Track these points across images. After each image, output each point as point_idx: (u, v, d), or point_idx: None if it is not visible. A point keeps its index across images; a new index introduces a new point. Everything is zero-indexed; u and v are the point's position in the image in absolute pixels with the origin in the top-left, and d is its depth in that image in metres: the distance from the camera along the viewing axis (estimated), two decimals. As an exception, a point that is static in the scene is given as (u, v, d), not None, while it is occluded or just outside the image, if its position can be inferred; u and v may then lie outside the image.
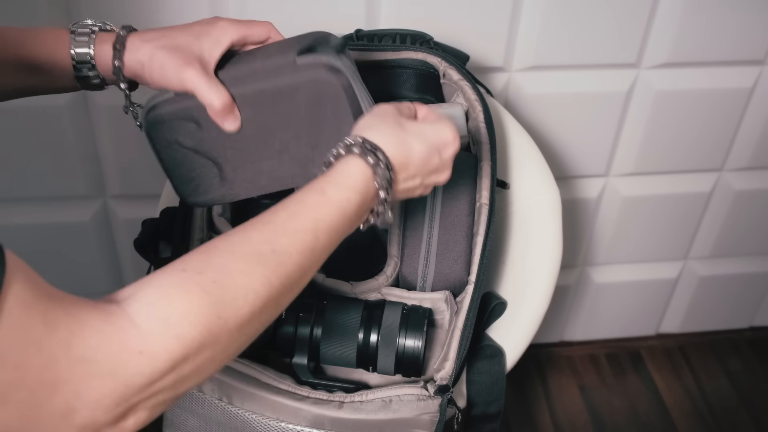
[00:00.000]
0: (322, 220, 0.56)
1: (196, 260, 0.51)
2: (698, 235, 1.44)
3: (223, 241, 0.53)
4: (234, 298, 0.50)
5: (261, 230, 0.54)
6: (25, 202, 1.20)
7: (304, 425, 0.74)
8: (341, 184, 0.59)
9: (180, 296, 0.48)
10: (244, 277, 0.51)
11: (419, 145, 0.63)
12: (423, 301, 0.80)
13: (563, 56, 1.15)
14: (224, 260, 0.51)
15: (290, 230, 0.55)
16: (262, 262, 0.52)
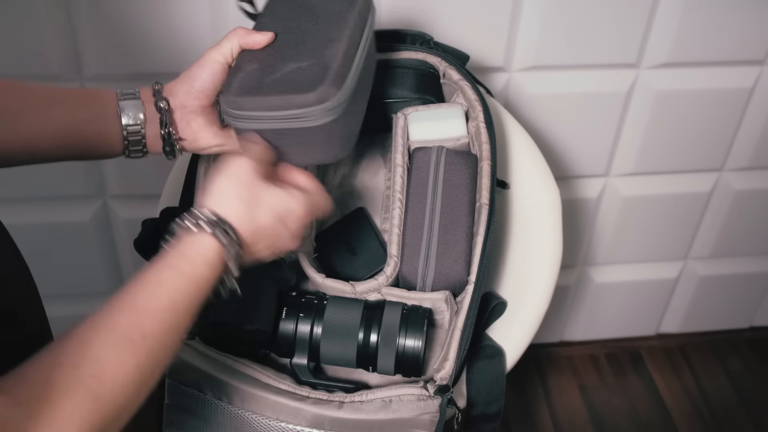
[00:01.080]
0: (180, 299, 0.58)
1: (71, 352, 0.51)
2: (698, 235, 1.44)
3: (90, 330, 0.53)
4: (112, 390, 0.50)
5: (125, 315, 0.55)
6: (25, 202, 1.20)
7: (304, 425, 0.74)
8: (195, 260, 0.60)
9: (65, 396, 0.48)
10: (119, 368, 0.51)
11: (268, 218, 0.64)
12: (423, 301, 0.80)
13: (563, 56, 1.15)
14: (98, 351, 0.51)
15: (153, 312, 0.56)
16: (133, 350, 0.53)
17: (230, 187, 0.64)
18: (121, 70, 1.08)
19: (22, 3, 0.99)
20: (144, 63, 1.08)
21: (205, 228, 0.61)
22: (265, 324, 0.76)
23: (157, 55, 1.07)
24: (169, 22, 1.04)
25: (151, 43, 1.05)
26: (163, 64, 1.08)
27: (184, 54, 1.07)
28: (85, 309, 1.48)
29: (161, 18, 1.04)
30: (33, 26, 1.01)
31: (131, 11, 1.02)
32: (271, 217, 0.65)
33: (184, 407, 0.77)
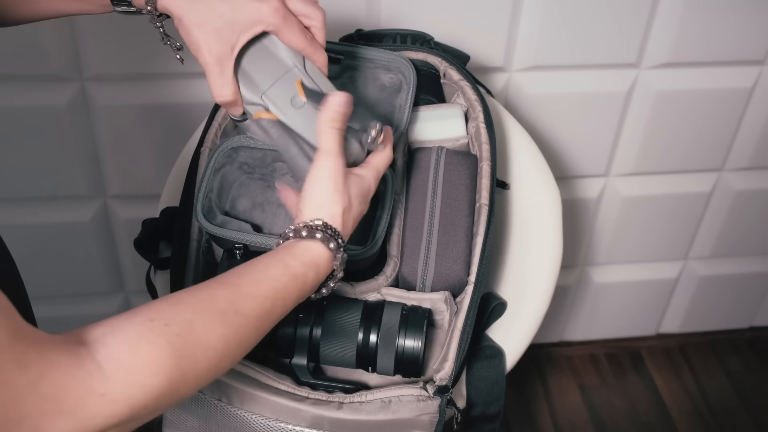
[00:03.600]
0: (281, 290, 0.61)
1: (164, 311, 0.53)
2: (698, 235, 1.44)
3: (190, 295, 0.56)
4: (194, 353, 0.53)
5: (226, 290, 0.58)
6: (25, 202, 1.20)
7: (304, 426, 0.74)
8: (303, 261, 0.64)
9: (146, 347, 0.50)
10: (206, 334, 0.54)
11: (359, 206, 0.70)
12: (422, 301, 0.80)
13: (563, 56, 1.15)
14: (190, 315, 0.54)
15: (252, 295, 0.59)
16: (224, 322, 0.56)
17: (329, 194, 0.68)
18: (121, 70, 1.08)
19: (21, 3, 0.99)
20: (144, 63, 1.08)
21: (316, 236, 0.65)
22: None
23: (157, 55, 1.07)
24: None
25: (151, 43, 1.05)
26: (163, 64, 1.08)
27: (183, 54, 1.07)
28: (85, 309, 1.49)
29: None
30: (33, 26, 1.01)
31: (131, 11, 1.02)
32: (361, 203, 0.70)
33: (183, 407, 0.77)
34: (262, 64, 0.73)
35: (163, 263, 0.91)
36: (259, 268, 0.62)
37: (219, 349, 0.55)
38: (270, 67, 0.73)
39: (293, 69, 0.74)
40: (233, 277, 0.60)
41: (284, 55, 0.73)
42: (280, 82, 0.73)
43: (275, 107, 0.73)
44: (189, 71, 1.09)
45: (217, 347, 0.55)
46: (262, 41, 0.73)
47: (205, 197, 0.80)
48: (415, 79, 0.88)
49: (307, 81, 0.74)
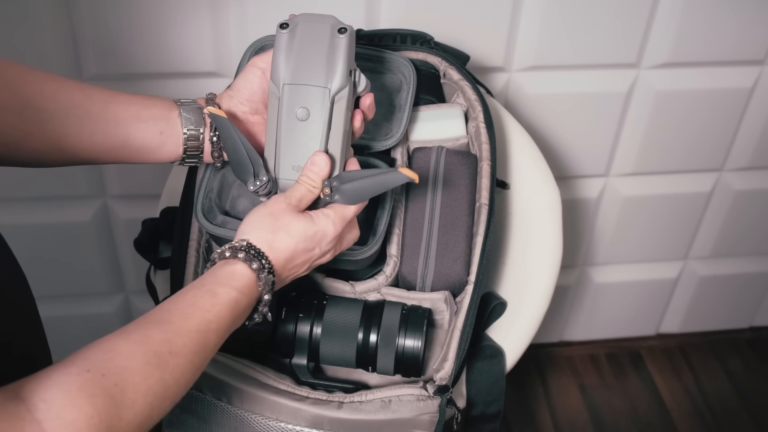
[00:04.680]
0: (213, 321, 0.60)
1: (100, 361, 0.52)
2: (698, 235, 1.44)
3: (123, 339, 0.55)
4: (134, 401, 0.52)
5: (159, 329, 0.57)
6: (25, 202, 1.20)
7: (304, 425, 0.74)
8: (230, 286, 0.63)
9: (86, 400, 0.49)
10: (143, 380, 0.53)
11: (298, 245, 0.68)
12: (422, 301, 0.80)
13: (563, 56, 1.15)
14: (125, 362, 0.53)
15: (185, 331, 0.58)
16: (159, 365, 0.55)
17: (262, 220, 0.67)
18: (121, 70, 1.08)
19: (22, 3, 0.99)
20: (144, 63, 1.08)
21: (239, 256, 0.64)
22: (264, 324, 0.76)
23: (157, 55, 1.07)
24: (169, 23, 1.04)
25: (151, 43, 1.05)
26: (163, 64, 1.08)
27: (184, 54, 1.07)
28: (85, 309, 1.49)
29: (161, 18, 1.04)
30: (33, 26, 1.01)
31: (131, 11, 1.02)
32: (302, 244, 0.68)
33: (183, 407, 0.77)
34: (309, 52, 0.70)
35: (163, 263, 0.91)
36: (188, 301, 0.60)
37: (158, 393, 0.54)
38: (314, 66, 0.70)
39: (326, 87, 0.70)
40: (164, 314, 0.59)
41: (339, 64, 0.70)
42: (309, 86, 0.70)
43: (283, 104, 0.70)
44: (189, 71, 1.09)
45: (156, 391, 0.54)
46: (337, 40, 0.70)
47: (205, 197, 0.80)
48: (415, 79, 0.88)
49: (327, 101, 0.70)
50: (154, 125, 0.73)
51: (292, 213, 0.68)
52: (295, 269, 0.69)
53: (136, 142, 0.73)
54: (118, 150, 0.73)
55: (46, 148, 0.70)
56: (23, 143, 0.68)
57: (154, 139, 0.73)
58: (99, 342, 0.54)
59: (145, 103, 0.74)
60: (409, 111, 0.87)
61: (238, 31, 1.05)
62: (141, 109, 0.73)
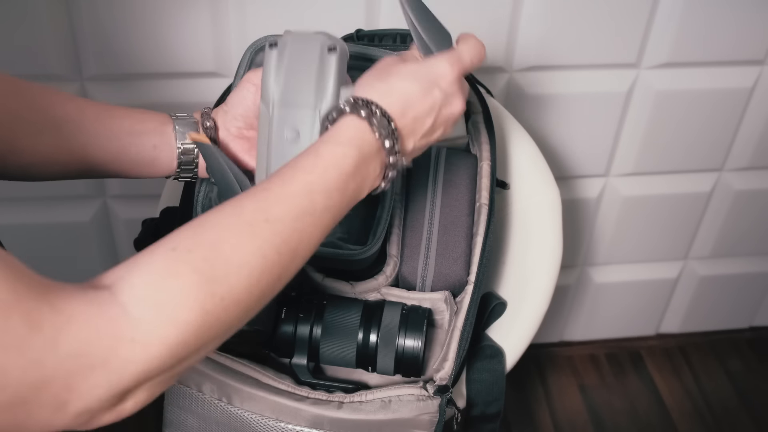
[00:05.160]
0: (317, 182, 0.55)
1: (186, 237, 0.50)
2: (698, 235, 1.44)
3: (215, 213, 0.52)
4: (227, 275, 0.48)
5: (254, 199, 0.53)
6: (25, 202, 1.20)
7: (304, 425, 0.74)
8: (335, 141, 0.58)
9: (171, 279, 0.47)
10: (235, 252, 0.49)
11: (413, 85, 0.61)
12: (422, 301, 0.80)
13: (563, 56, 1.15)
14: (215, 235, 0.50)
15: (283, 196, 0.53)
16: (254, 233, 0.51)
17: (371, 77, 0.63)
18: (121, 70, 1.08)
19: (21, 2, 0.99)
20: (144, 63, 1.08)
21: (345, 110, 0.59)
22: (264, 324, 0.76)
23: (157, 55, 1.07)
24: (169, 23, 1.04)
25: (151, 43, 1.05)
26: (163, 64, 1.08)
27: (184, 54, 1.07)
28: (85, 309, 1.46)
29: (161, 18, 1.04)
30: (33, 26, 1.01)
31: (131, 11, 1.02)
32: (419, 84, 0.62)
33: (183, 407, 0.77)
34: (298, 72, 0.69)
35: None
36: (289, 166, 0.56)
37: (255, 265, 0.50)
38: (303, 86, 0.69)
39: (319, 110, 0.69)
40: (263, 183, 0.54)
41: (328, 85, 0.69)
42: (299, 108, 0.69)
43: (273, 126, 0.69)
44: (189, 71, 1.09)
45: (252, 263, 0.50)
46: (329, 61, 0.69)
47: (205, 197, 0.80)
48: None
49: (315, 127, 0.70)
50: (147, 139, 0.72)
51: (401, 62, 0.64)
52: (420, 118, 0.62)
53: (128, 157, 0.72)
54: (111, 164, 0.72)
55: (36, 161, 0.69)
56: (11, 157, 0.68)
57: (148, 153, 0.72)
58: (192, 221, 0.51)
59: (139, 117, 0.73)
60: None
61: (238, 31, 1.05)
62: (134, 123, 0.72)
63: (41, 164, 0.70)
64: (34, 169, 0.70)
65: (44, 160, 0.69)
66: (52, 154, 0.69)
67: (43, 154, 0.69)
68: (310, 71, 0.69)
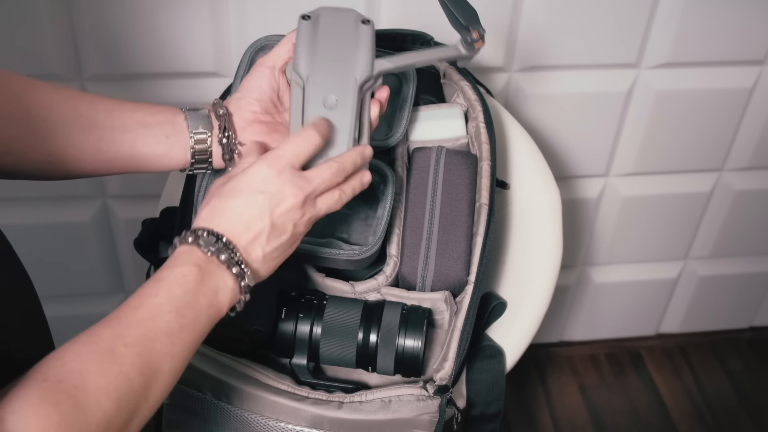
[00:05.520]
0: (165, 303, 0.57)
1: (53, 369, 0.51)
2: (698, 235, 1.44)
3: (73, 344, 0.53)
4: (98, 401, 0.51)
5: (108, 326, 0.55)
6: (25, 202, 1.20)
7: (304, 425, 0.74)
8: (172, 265, 0.60)
9: (50, 408, 0.48)
10: (101, 378, 0.52)
11: (234, 200, 0.64)
12: (422, 301, 0.80)
13: (563, 56, 1.15)
14: (80, 364, 0.52)
15: (135, 321, 0.56)
16: (115, 359, 0.53)
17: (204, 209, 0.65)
18: (121, 70, 1.08)
19: (22, 3, 0.99)
20: (144, 63, 1.08)
21: (175, 243, 0.62)
22: (264, 324, 0.76)
23: (157, 55, 1.07)
24: (169, 23, 1.04)
25: (151, 43, 1.05)
26: (163, 64, 1.08)
27: (184, 54, 1.07)
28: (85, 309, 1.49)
29: (161, 18, 1.04)
30: (33, 26, 1.01)
31: (131, 11, 1.02)
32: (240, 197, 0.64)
33: (183, 407, 0.77)
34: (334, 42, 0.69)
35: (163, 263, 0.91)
36: (137, 294, 0.58)
37: (123, 388, 0.52)
38: (339, 56, 0.69)
39: (354, 77, 0.70)
40: (114, 312, 0.57)
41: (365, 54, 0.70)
42: (335, 76, 0.69)
43: (309, 93, 0.69)
44: (189, 71, 1.09)
45: (119, 386, 0.52)
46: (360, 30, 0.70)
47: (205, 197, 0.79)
48: (415, 79, 0.88)
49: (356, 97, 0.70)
50: (160, 130, 0.72)
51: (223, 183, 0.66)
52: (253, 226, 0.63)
53: (143, 149, 0.72)
54: (125, 158, 0.72)
55: (50, 159, 0.69)
56: (27, 155, 0.68)
57: (161, 144, 0.72)
58: (53, 352, 0.53)
59: (150, 110, 0.73)
60: (410, 111, 0.87)
61: (238, 31, 1.05)
62: (146, 115, 0.72)
63: (56, 162, 0.70)
64: (49, 168, 0.70)
65: (58, 157, 0.69)
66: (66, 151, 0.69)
67: (57, 152, 0.69)
68: (346, 41, 0.70)
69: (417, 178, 0.86)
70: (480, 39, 0.72)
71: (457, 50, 0.74)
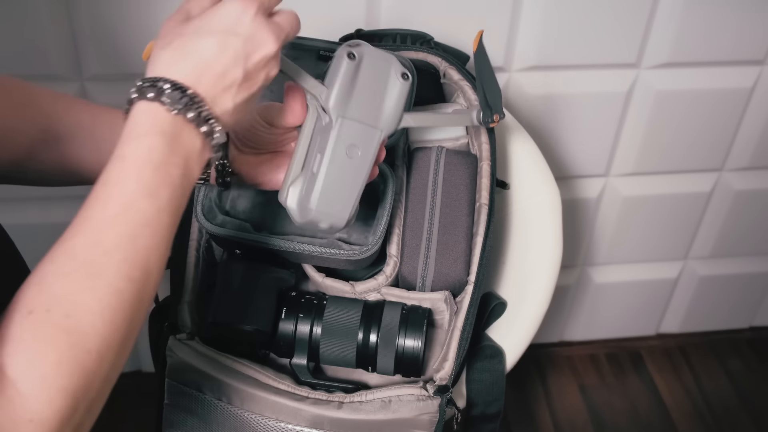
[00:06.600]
0: (136, 189, 0.50)
1: (37, 296, 0.46)
2: (698, 235, 1.44)
3: (50, 263, 0.48)
4: (92, 325, 0.46)
5: (81, 234, 0.49)
6: (26, 202, 1.20)
7: (304, 425, 0.74)
8: (134, 136, 0.52)
9: (45, 346, 0.44)
10: (91, 298, 0.46)
11: (203, 42, 0.55)
12: (422, 301, 0.80)
13: (563, 56, 1.15)
14: (63, 287, 0.46)
15: (109, 219, 0.49)
16: (99, 272, 0.47)
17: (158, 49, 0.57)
18: (121, 70, 1.08)
19: (22, 3, 0.99)
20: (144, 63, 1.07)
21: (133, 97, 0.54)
22: (264, 324, 0.76)
23: (157, 55, 1.07)
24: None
25: (151, 43, 1.05)
26: (163, 64, 1.08)
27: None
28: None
29: (161, 18, 1.03)
30: (33, 26, 1.01)
31: (131, 11, 1.02)
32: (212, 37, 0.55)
33: (183, 407, 0.77)
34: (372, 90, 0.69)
35: None
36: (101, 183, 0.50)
37: (114, 303, 0.47)
38: (371, 105, 0.69)
39: (381, 131, 0.69)
40: (83, 211, 0.50)
41: (397, 110, 0.70)
42: (364, 125, 0.68)
43: (335, 136, 0.67)
44: (189, 71, 1.09)
45: (111, 302, 0.47)
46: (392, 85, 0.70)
47: (205, 197, 0.80)
48: (415, 79, 0.88)
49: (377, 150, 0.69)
50: None
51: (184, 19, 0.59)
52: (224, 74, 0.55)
53: None
54: None
55: (53, 168, 0.69)
56: (30, 163, 0.68)
57: None
58: (29, 277, 0.47)
59: None
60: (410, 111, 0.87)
61: (238, 31, 1.05)
62: None
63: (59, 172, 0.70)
64: (51, 176, 0.70)
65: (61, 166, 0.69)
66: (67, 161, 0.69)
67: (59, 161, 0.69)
68: (383, 92, 0.69)
69: (417, 178, 0.86)
70: (497, 122, 0.77)
71: (472, 121, 0.79)
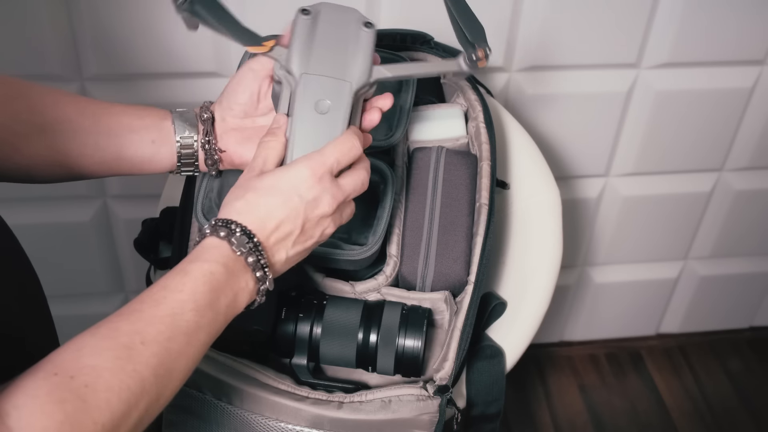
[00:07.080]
0: (188, 300, 0.56)
1: (67, 362, 0.50)
2: (698, 235, 1.44)
3: (91, 336, 0.52)
4: (107, 400, 0.49)
5: (128, 321, 0.53)
6: (26, 202, 1.20)
7: (304, 425, 0.74)
8: (201, 259, 0.58)
9: (55, 406, 0.47)
10: (113, 376, 0.50)
11: (271, 199, 0.62)
12: (422, 301, 0.80)
13: (563, 56, 1.15)
14: (95, 360, 0.50)
15: (156, 318, 0.54)
16: (131, 357, 0.51)
17: (231, 195, 0.64)
18: (121, 70, 1.08)
19: (22, 3, 0.99)
20: (144, 63, 1.08)
21: (206, 232, 0.61)
22: (264, 324, 0.76)
23: (157, 55, 1.07)
24: (169, 23, 1.04)
25: (151, 43, 1.05)
26: (163, 64, 1.08)
27: (184, 54, 1.07)
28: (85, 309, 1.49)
29: (161, 18, 1.04)
30: (33, 26, 1.01)
31: (131, 11, 1.02)
32: (275, 197, 0.62)
33: (183, 407, 0.77)
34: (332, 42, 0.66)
35: (163, 263, 0.91)
36: (159, 286, 0.56)
37: (134, 388, 0.51)
38: (335, 57, 0.66)
39: (350, 83, 0.66)
40: (135, 304, 0.55)
41: (364, 59, 0.67)
42: (329, 78, 0.66)
43: (300, 94, 0.65)
44: (189, 71, 1.09)
45: (131, 386, 0.50)
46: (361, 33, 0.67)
47: (205, 197, 0.80)
48: (415, 79, 0.88)
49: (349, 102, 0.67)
50: (146, 135, 0.72)
51: (257, 177, 0.63)
52: (284, 229, 0.62)
53: (128, 153, 0.72)
54: (111, 162, 0.72)
55: (37, 162, 0.69)
56: (14, 159, 0.68)
57: (147, 148, 0.72)
58: (68, 343, 0.51)
59: (138, 114, 0.73)
60: (410, 111, 0.87)
61: (238, 31, 1.05)
62: (133, 119, 0.72)
63: (43, 166, 0.70)
64: (36, 171, 0.70)
65: (45, 161, 0.69)
66: (52, 155, 0.69)
67: (44, 155, 0.69)
68: (345, 43, 0.67)
69: (417, 178, 0.86)
70: (484, 58, 0.70)
71: (459, 66, 0.71)
